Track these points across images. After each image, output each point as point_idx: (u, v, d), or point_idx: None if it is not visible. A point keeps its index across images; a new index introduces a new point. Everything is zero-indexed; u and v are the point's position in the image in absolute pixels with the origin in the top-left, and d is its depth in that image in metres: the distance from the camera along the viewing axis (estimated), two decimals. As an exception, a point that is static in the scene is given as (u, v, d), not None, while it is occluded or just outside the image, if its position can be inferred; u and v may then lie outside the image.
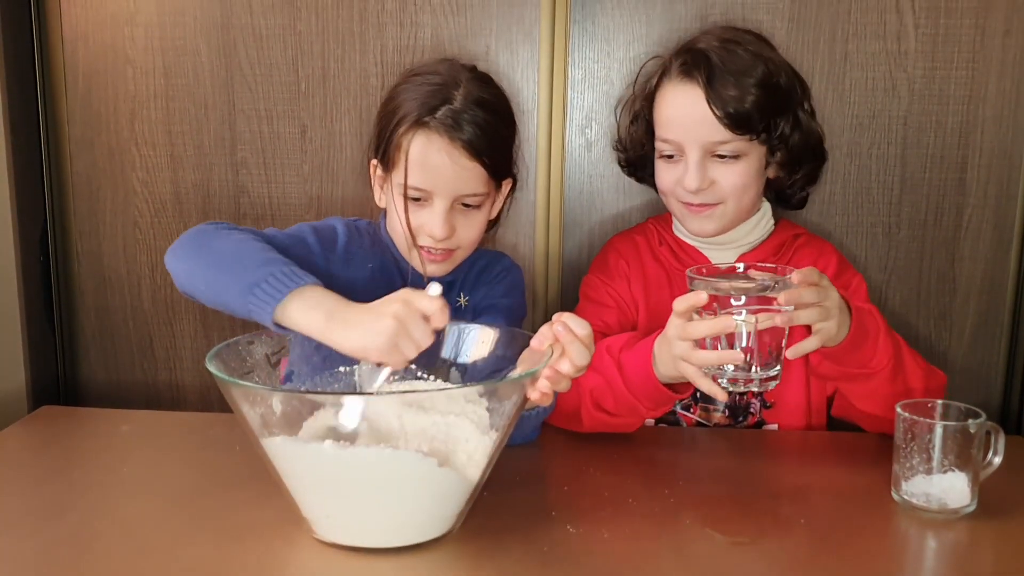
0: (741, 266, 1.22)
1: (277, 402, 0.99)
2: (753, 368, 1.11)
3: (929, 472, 1.08)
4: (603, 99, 1.66)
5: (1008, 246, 1.65)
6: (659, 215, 1.56)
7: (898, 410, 1.11)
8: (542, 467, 1.21)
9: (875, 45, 1.60)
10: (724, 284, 1.11)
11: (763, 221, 1.45)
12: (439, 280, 1.31)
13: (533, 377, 0.99)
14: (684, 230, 1.46)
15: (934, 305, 1.68)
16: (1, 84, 1.61)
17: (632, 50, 1.63)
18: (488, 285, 1.43)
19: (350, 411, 1.00)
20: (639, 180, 1.57)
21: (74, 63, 1.70)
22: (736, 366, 1.10)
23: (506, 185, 1.38)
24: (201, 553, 0.97)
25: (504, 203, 1.40)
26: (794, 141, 1.39)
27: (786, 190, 1.47)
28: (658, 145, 1.41)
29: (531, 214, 1.69)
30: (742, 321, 1.09)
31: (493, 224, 1.41)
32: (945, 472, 1.08)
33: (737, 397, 1.42)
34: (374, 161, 1.36)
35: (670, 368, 1.17)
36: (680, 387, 1.22)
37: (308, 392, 1.13)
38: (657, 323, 1.40)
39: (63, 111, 1.71)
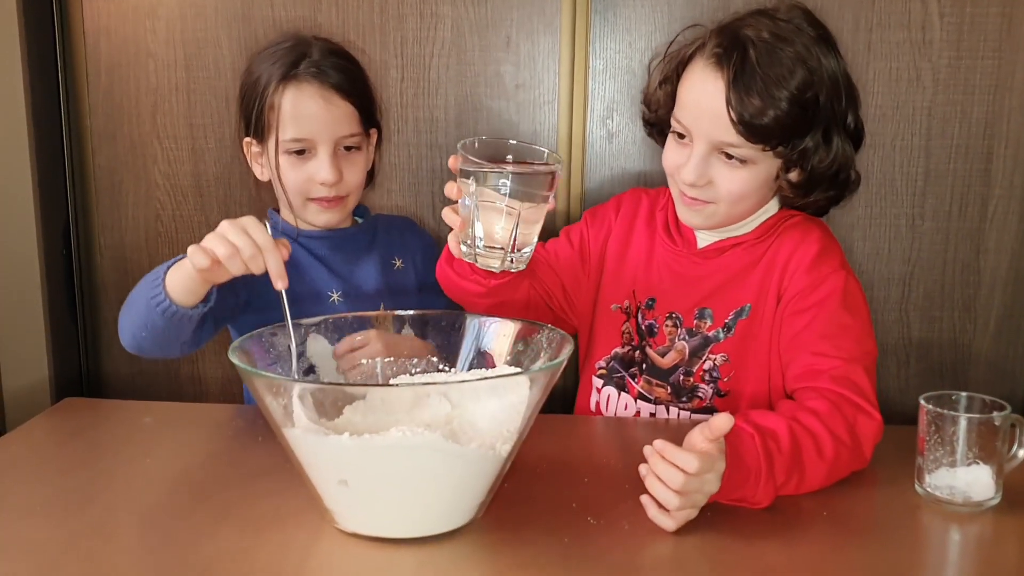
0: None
1: (299, 393, 0.99)
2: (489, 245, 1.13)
3: (953, 465, 1.07)
4: (625, 90, 1.65)
5: (1034, 237, 1.63)
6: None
7: (922, 402, 1.10)
8: (562, 459, 1.21)
9: (899, 35, 1.58)
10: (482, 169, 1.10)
11: (762, 215, 1.35)
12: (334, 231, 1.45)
13: (556, 368, 0.99)
14: None
15: (958, 297, 1.67)
16: (24, 78, 1.62)
17: (654, 40, 1.62)
18: (399, 237, 1.55)
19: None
20: (660, 142, 1.45)
21: (96, 57, 1.71)
22: (481, 242, 1.12)
23: (373, 135, 1.46)
24: (224, 544, 0.97)
25: (376, 154, 1.48)
26: (815, 162, 1.26)
27: (794, 205, 1.35)
28: (672, 120, 1.30)
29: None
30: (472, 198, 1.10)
31: (370, 178, 1.48)
32: (969, 465, 1.07)
33: (681, 378, 1.37)
34: (247, 139, 1.41)
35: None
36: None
37: (333, 384, 1.13)
38: (617, 288, 1.42)
39: (85, 105, 1.72)
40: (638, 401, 1.41)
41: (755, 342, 1.33)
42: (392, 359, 1.18)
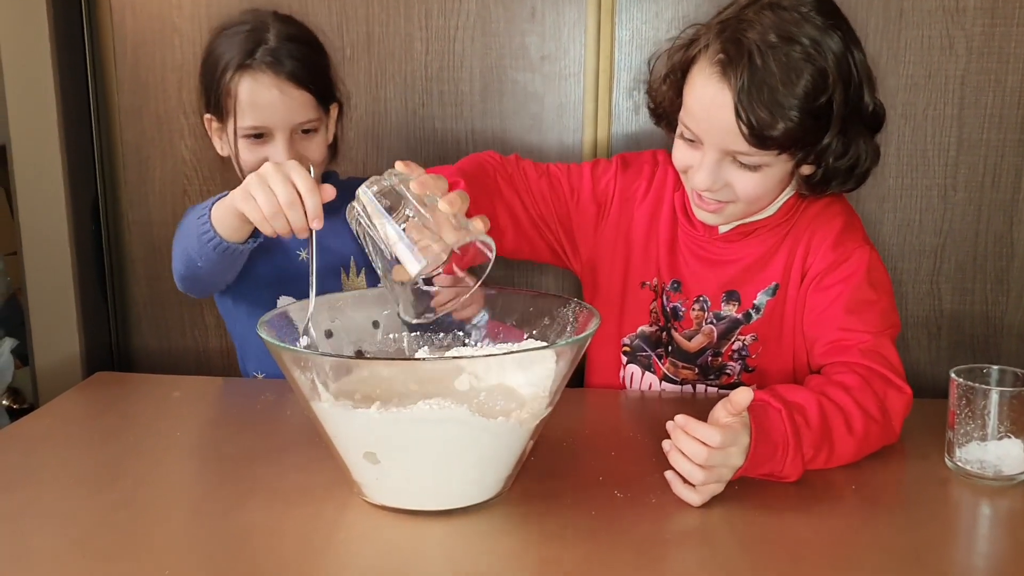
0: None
1: (327, 366, 0.99)
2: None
3: (984, 438, 1.06)
4: (650, 61, 1.63)
5: (1069, 208, 1.60)
6: None
7: (953, 376, 1.08)
8: (589, 433, 1.21)
9: (932, 2, 1.56)
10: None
11: (780, 202, 1.32)
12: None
13: (583, 341, 0.99)
14: None
15: (991, 269, 1.65)
16: (52, 55, 1.63)
17: (681, 9, 1.60)
18: None
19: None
20: (665, 130, 1.41)
21: (122, 33, 1.71)
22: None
23: (334, 109, 1.44)
24: (253, 516, 0.98)
25: (336, 127, 1.47)
26: (830, 161, 1.21)
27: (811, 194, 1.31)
28: (680, 123, 1.25)
29: (577, 179, 1.67)
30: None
31: (333, 151, 1.47)
32: (1000, 439, 1.06)
33: (709, 359, 1.37)
34: (207, 115, 1.41)
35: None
36: None
37: (359, 357, 1.14)
38: (646, 265, 1.38)
39: (112, 81, 1.73)
40: (663, 383, 1.41)
41: (782, 319, 1.33)
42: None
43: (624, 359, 1.43)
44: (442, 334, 1.18)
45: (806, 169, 1.25)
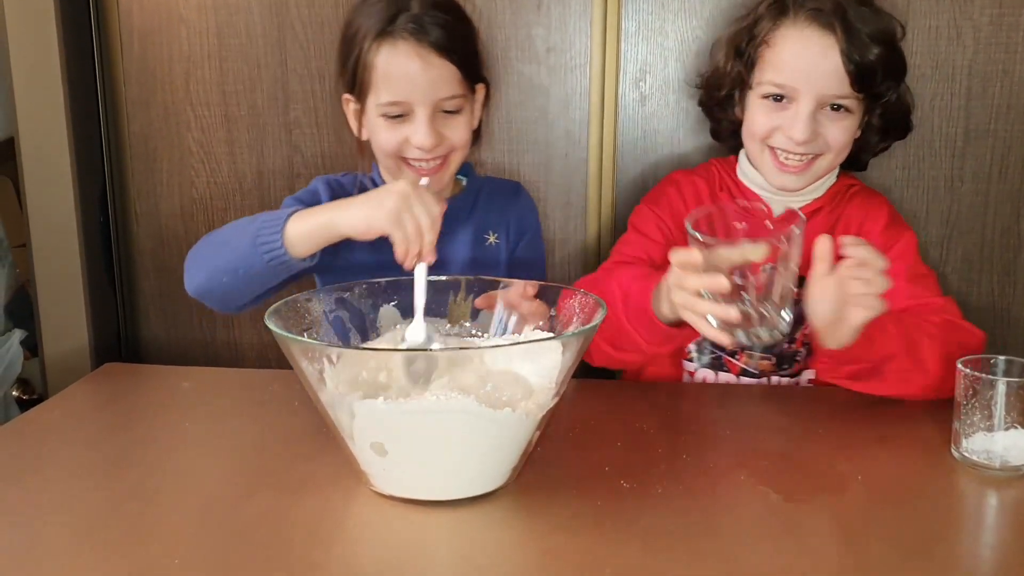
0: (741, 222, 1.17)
1: (335, 357, 1.00)
2: (757, 324, 1.08)
3: (991, 429, 1.06)
4: (657, 51, 1.63)
5: (1076, 199, 1.60)
6: (722, 157, 1.51)
7: (959, 367, 1.08)
8: (595, 423, 1.22)
9: (939, -9, 1.55)
10: (725, 252, 1.06)
11: (832, 177, 1.43)
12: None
13: (589, 332, 0.99)
14: (750, 175, 1.42)
15: (997, 260, 1.65)
16: (59, 48, 1.63)
17: (687, 1, 1.60)
18: (512, 220, 1.44)
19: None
20: (716, 121, 1.51)
21: (129, 24, 1.71)
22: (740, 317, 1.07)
23: (480, 90, 1.36)
24: (261, 506, 0.99)
25: (483, 111, 1.39)
26: (892, 108, 1.38)
27: (862, 154, 1.45)
28: (763, 87, 1.35)
29: (583, 170, 1.68)
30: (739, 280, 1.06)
31: (476, 136, 1.39)
32: (1007, 429, 1.06)
33: (784, 346, 1.40)
34: (346, 96, 1.34)
35: (675, 311, 1.14)
36: (686, 327, 1.18)
37: (366, 348, 1.14)
38: None
39: (119, 72, 1.73)
40: (741, 378, 1.42)
41: None
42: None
43: (692, 366, 1.44)
44: (448, 325, 1.19)
45: (876, 120, 1.39)
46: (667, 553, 0.90)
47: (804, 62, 1.31)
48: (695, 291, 1.08)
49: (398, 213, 1.04)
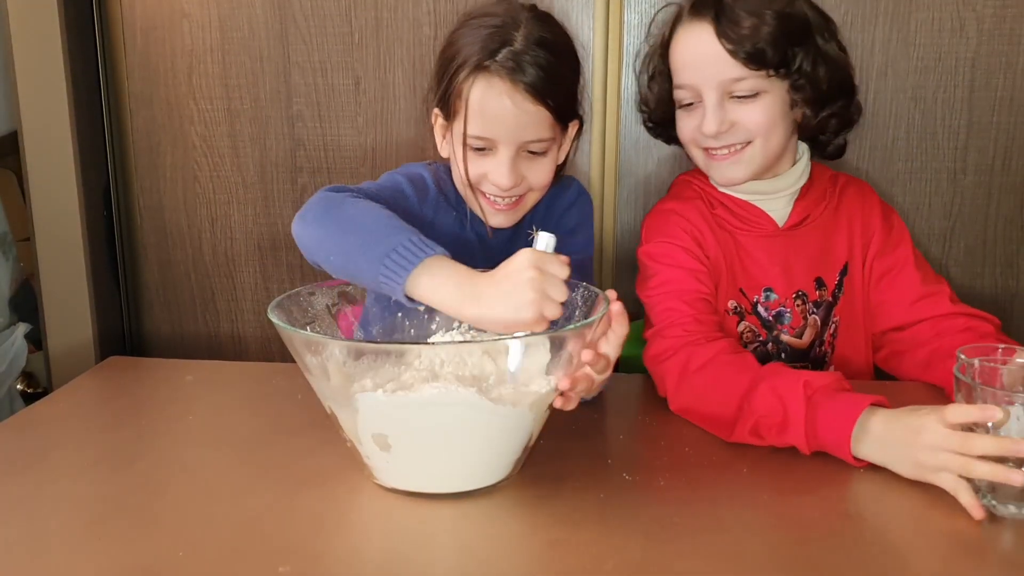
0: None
1: (338, 351, 1.00)
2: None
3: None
4: (659, 45, 1.63)
5: (1080, 191, 1.60)
6: (689, 171, 1.46)
7: (960, 355, 1.07)
8: (598, 416, 1.22)
9: (942, -17, 1.55)
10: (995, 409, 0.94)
11: (805, 164, 1.39)
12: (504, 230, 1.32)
13: (589, 326, 0.99)
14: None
15: (1000, 253, 1.64)
16: (62, 41, 1.64)
17: (689, -6, 1.60)
18: (557, 216, 1.38)
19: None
20: (667, 141, 1.47)
21: (132, 18, 1.71)
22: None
23: (572, 127, 1.31)
24: (264, 499, 0.99)
25: (571, 146, 1.34)
26: (819, 76, 1.30)
27: (819, 136, 1.38)
28: (676, 95, 1.34)
29: (586, 161, 1.68)
30: None
31: (560, 168, 1.33)
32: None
33: (816, 350, 1.40)
34: (435, 110, 1.30)
35: (906, 465, 1.02)
36: None
37: (368, 342, 1.14)
38: (730, 294, 1.37)
39: (122, 66, 1.74)
40: None
41: (854, 294, 1.40)
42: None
43: None
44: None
45: (803, 94, 1.30)
46: (670, 545, 0.91)
47: (691, 56, 1.30)
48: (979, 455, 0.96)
49: (539, 309, 0.97)
